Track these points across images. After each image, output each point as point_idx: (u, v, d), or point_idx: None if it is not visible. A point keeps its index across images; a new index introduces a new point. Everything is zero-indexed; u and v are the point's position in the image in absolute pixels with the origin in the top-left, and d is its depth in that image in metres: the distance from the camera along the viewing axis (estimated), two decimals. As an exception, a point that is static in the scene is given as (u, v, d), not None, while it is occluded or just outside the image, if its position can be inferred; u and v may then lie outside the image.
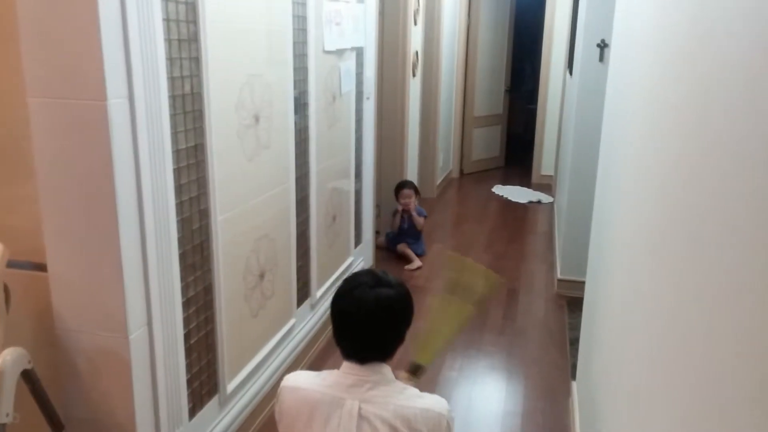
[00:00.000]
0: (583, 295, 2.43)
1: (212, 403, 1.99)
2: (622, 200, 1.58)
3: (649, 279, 1.14)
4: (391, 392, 1.27)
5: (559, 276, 3.66)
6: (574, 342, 2.91)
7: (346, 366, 1.31)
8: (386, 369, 1.32)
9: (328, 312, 2.93)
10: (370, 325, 1.28)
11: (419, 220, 4.13)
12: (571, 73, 4.35)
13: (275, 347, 2.42)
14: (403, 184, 4.21)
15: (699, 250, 0.82)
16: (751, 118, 0.65)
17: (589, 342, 2.07)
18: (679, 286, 0.91)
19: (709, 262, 0.77)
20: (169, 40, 1.60)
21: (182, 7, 1.64)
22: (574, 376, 2.54)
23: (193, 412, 1.87)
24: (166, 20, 1.58)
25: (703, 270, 0.79)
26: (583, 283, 2.46)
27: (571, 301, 3.45)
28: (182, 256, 1.74)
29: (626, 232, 1.47)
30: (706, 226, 0.79)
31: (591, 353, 1.99)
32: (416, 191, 4.20)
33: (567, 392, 2.57)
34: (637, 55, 1.53)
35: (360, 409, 1.24)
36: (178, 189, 1.70)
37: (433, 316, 1.58)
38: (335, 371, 1.33)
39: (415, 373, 1.55)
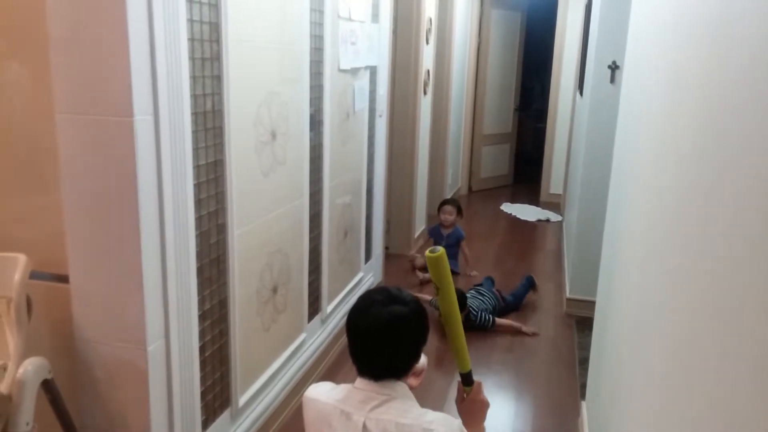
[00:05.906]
0: (592, 315, 2.44)
1: (224, 416, 2.00)
2: (635, 220, 1.59)
3: (663, 300, 1.16)
4: (398, 410, 1.27)
5: (568, 295, 3.66)
6: (584, 362, 2.91)
7: (360, 381, 1.33)
8: (399, 386, 1.32)
9: (339, 327, 2.96)
10: (383, 342, 1.29)
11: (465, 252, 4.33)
12: (581, 93, 4.38)
13: (286, 361, 2.43)
14: (446, 201, 4.43)
15: (715, 271, 0.83)
16: (767, 138, 0.67)
17: (599, 362, 2.07)
18: (694, 307, 0.93)
19: (725, 283, 0.78)
20: (193, 59, 1.64)
21: (206, 27, 1.69)
22: (583, 396, 2.53)
23: (206, 425, 1.88)
24: (191, 40, 1.62)
25: (720, 291, 0.80)
26: (593, 302, 2.47)
27: (580, 321, 3.45)
28: (200, 270, 1.77)
29: (639, 252, 1.49)
30: (722, 246, 0.81)
31: (601, 373, 1.99)
32: (459, 210, 4.32)
33: (576, 412, 2.57)
34: (651, 77, 1.55)
35: (365, 425, 1.26)
36: (198, 204, 1.73)
37: (447, 326, 1.55)
38: (349, 385, 1.34)
39: (466, 384, 1.54)
